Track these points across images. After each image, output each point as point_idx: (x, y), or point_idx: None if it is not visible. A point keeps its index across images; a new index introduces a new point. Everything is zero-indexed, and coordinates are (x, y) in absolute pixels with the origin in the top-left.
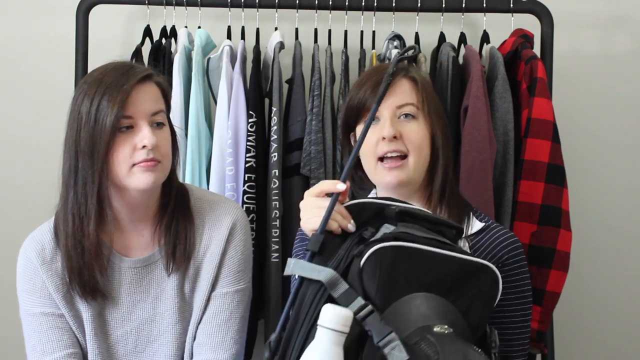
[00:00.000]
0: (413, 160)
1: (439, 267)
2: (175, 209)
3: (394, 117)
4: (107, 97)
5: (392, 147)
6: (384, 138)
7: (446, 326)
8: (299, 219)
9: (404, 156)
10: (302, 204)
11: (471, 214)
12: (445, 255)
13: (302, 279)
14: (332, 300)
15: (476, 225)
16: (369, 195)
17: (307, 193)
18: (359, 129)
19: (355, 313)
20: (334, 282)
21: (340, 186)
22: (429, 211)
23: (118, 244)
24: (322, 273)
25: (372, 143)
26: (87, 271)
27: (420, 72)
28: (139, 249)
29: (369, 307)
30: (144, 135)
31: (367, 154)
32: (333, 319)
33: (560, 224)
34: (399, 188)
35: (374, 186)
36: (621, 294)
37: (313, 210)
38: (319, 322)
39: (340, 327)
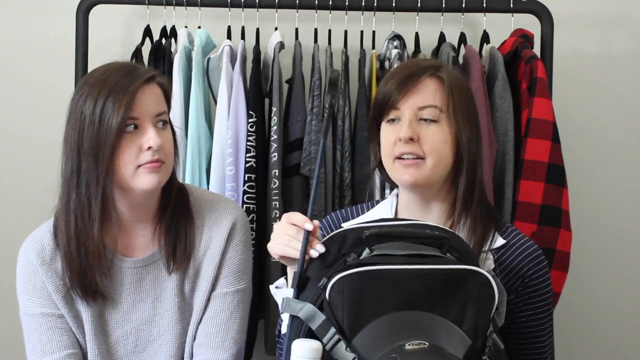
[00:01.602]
0: (430, 163)
1: (415, 282)
2: (175, 208)
3: (413, 119)
4: (112, 99)
5: (407, 149)
6: (400, 139)
7: (423, 342)
8: None
9: (421, 157)
10: (275, 226)
11: (496, 232)
12: (421, 270)
13: (292, 315)
14: (312, 332)
15: (498, 241)
16: (391, 195)
17: (284, 216)
18: (383, 125)
19: (326, 343)
20: (312, 316)
21: (307, 225)
22: (414, 221)
23: (119, 244)
24: (302, 309)
25: (390, 142)
26: (89, 273)
27: (453, 71)
28: (139, 249)
29: (336, 337)
30: (150, 137)
31: (385, 153)
32: (301, 354)
33: (560, 224)
34: (417, 188)
35: (396, 185)
36: (621, 294)
37: (281, 236)
38: (292, 358)
39: None
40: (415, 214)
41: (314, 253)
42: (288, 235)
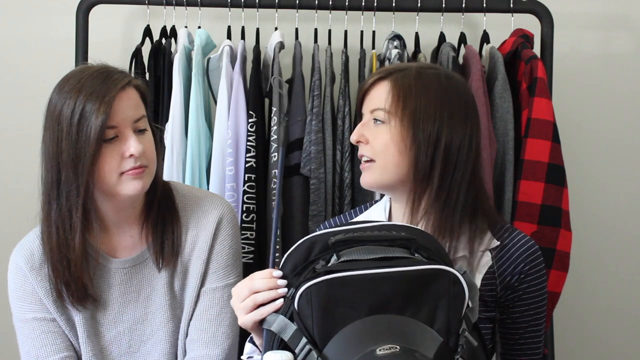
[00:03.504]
0: (379, 164)
1: (383, 286)
2: (160, 206)
3: (367, 122)
4: (90, 109)
5: (361, 152)
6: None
7: (394, 345)
8: (299, 219)
9: (373, 159)
10: (233, 303)
11: (490, 234)
12: (389, 273)
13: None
14: (285, 344)
15: (492, 243)
16: (385, 197)
17: (244, 286)
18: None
19: (298, 354)
20: (283, 328)
21: (281, 282)
22: (381, 222)
23: (106, 246)
24: (275, 322)
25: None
26: (74, 282)
27: (414, 72)
28: (127, 249)
29: (307, 347)
30: (131, 144)
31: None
32: None
33: (560, 224)
34: (379, 190)
35: None
36: (621, 294)
37: (246, 307)
38: None
39: None
40: (406, 216)
41: (280, 282)
42: (250, 300)
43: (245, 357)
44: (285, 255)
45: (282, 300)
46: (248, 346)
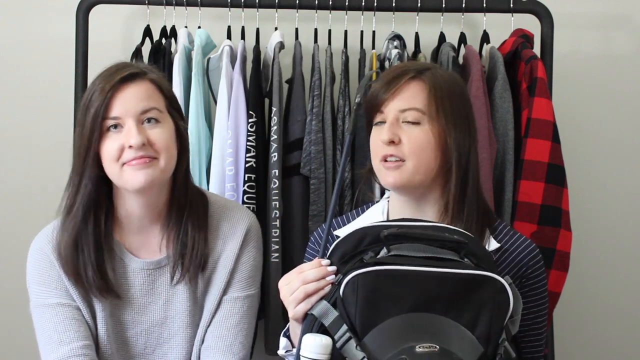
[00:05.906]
0: (411, 165)
1: (430, 285)
2: (189, 216)
3: (395, 121)
4: (94, 99)
5: (389, 151)
6: (382, 141)
7: (434, 344)
8: (299, 219)
9: (403, 159)
10: (283, 298)
11: (490, 234)
12: (437, 273)
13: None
14: (325, 329)
15: (492, 244)
16: (383, 199)
17: (293, 278)
18: (373, 127)
19: (337, 340)
20: (325, 313)
21: (331, 268)
22: (434, 223)
23: (129, 244)
24: (317, 306)
25: (376, 144)
26: (98, 270)
27: (439, 73)
28: (150, 251)
29: (347, 335)
30: (130, 135)
31: (373, 155)
32: (310, 349)
33: (560, 224)
34: (403, 191)
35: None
36: (621, 294)
37: (297, 297)
38: (300, 352)
39: (318, 355)
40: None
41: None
42: (301, 291)
43: (284, 352)
44: (334, 244)
45: (329, 286)
46: (283, 340)
